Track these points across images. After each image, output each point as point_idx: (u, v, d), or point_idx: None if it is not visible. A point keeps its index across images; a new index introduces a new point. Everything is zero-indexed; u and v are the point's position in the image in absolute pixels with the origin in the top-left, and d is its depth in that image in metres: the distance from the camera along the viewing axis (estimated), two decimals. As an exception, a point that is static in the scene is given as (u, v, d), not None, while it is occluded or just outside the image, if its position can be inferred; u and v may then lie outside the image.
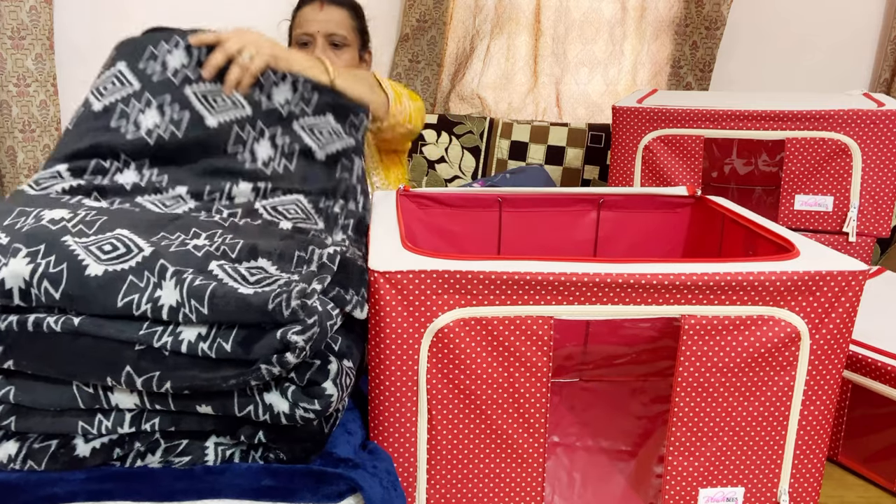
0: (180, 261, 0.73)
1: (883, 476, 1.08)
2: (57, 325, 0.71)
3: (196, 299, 0.70)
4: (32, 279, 0.70)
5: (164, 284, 0.71)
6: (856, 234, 1.49)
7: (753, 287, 0.82)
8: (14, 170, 1.94)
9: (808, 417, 0.89)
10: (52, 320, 0.71)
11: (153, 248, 0.74)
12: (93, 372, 0.72)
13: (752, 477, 0.90)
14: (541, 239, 1.24)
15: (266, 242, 0.79)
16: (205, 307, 0.70)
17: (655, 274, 0.81)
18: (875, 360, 1.07)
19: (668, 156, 1.55)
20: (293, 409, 0.72)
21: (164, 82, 0.99)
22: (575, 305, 0.83)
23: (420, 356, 0.84)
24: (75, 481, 0.73)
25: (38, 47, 1.91)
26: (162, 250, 0.74)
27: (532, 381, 0.84)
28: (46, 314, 0.72)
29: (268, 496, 0.74)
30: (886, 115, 1.42)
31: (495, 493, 0.88)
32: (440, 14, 2.21)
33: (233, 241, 0.79)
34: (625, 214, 1.25)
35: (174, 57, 1.01)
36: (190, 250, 0.76)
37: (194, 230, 0.80)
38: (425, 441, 0.87)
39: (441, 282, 0.81)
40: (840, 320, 0.85)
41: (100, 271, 0.71)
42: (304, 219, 0.91)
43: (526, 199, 1.23)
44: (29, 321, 0.71)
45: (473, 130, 2.19)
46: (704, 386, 0.85)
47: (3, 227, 0.75)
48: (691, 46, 2.26)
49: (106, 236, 0.75)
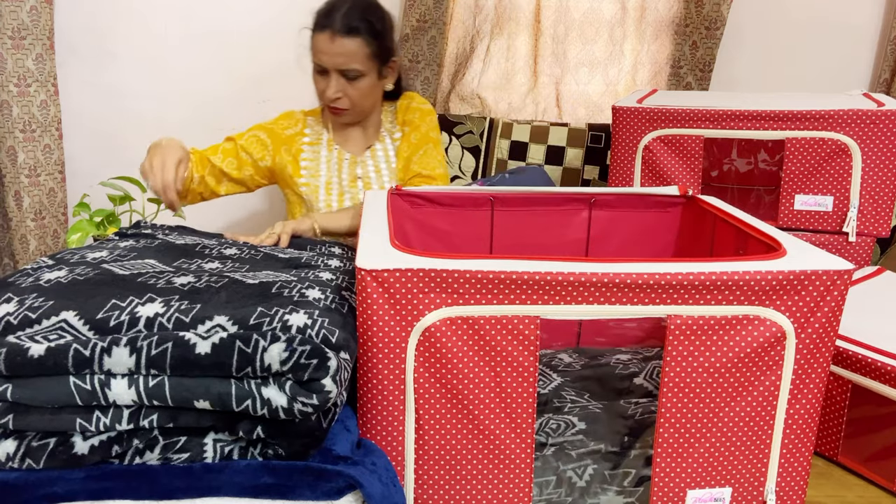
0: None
1: (883, 476, 1.08)
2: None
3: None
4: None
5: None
6: (856, 234, 1.48)
7: (739, 287, 0.82)
8: (15, 170, 1.95)
9: (795, 416, 0.88)
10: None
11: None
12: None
13: (740, 477, 0.89)
14: (533, 238, 1.25)
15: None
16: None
17: (641, 273, 0.81)
18: (875, 360, 1.06)
19: (668, 156, 1.55)
20: (291, 403, 0.73)
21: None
22: (561, 305, 0.83)
23: (407, 355, 0.84)
24: (75, 480, 0.73)
25: (38, 47, 1.92)
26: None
27: (519, 381, 0.84)
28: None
29: (267, 493, 0.74)
30: (886, 115, 1.41)
31: (483, 492, 0.88)
32: (440, 14, 2.21)
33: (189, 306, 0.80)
34: (616, 214, 1.25)
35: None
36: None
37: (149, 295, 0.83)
38: (413, 440, 0.87)
39: (428, 280, 0.82)
40: (826, 319, 0.85)
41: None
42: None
43: (518, 198, 1.23)
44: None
45: (473, 130, 2.19)
46: (691, 386, 0.85)
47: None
48: (691, 46, 2.25)
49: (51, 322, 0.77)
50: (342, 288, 0.92)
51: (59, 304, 0.78)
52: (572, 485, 1.01)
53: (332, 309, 0.83)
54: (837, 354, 1.10)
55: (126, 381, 0.74)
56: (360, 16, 1.44)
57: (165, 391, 0.74)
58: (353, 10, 1.44)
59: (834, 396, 1.11)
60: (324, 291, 0.87)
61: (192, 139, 1.52)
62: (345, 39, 1.42)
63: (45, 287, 0.83)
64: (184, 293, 0.83)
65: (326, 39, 1.43)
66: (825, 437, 1.14)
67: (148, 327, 0.77)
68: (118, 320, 0.77)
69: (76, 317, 0.77)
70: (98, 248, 1.00)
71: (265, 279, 0.90)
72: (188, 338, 0.74)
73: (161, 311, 0.78)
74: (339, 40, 1.42)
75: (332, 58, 1.43)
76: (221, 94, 2.16)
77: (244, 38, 2.13)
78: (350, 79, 1.46)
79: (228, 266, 0.97)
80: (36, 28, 1.90)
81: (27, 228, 2.00)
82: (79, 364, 0.73)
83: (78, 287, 0.83)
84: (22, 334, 0.76)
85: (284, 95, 1.86)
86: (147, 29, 2.09)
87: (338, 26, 1.42)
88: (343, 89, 1.47)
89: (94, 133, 2.13)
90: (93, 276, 0.87)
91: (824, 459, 1.14)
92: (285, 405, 0.73)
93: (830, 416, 1.13)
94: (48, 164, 2.01)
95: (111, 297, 0.81)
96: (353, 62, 1.44)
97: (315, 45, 1.46)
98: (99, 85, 2.10)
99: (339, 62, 1.44)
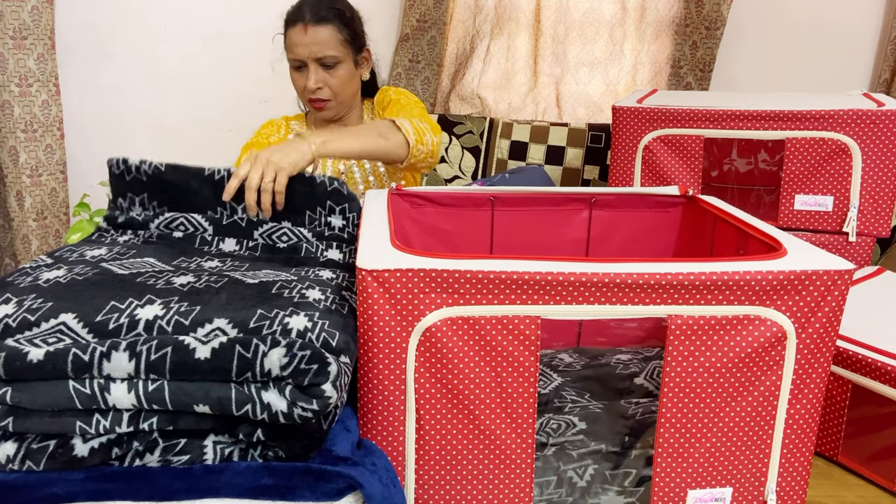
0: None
1: (883, 476, 1.08)
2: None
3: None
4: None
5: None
6: (856, 234, 1.48)
7: (739, 287, 0.82)
8: (16, 170, 1.95)
9: (795, 416, 0.88)
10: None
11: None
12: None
13: (740, 477, 0.89)
14: (533, 238, 1.24)
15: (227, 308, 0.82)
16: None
17: (641, 273, 0.81)
18: (875, 360, 1.06)
19: (668, 156, 1.55)
20: (291, 408, 0.73)
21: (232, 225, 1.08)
22: (562, 305, 0.83)
23: (408, 355, 0.84)
24: (74, 481, 0.73)
25: (39, 47, 1.92)
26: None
27: (519, 381, 0.84)
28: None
29: (267, 495, 0.74)
30: (886, 115, 1.41)
31: (483, 493, 0.88)
32: (440, 14, 2.21)
33: (189, 308, 0.80)
34: (617, 214, 1.25)
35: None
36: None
37: (148, 296, 0.82)
38: (414, 440, 0.87)
39: (429, 280, 0.82)
40: (826, 319, 0.85)
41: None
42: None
43: (518, 198, 1.23)
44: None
45: (473, 130, 2.19)
46: (692, 386, 0.85)
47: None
48: (691, 46, 2.25)
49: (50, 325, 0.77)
50: (343, 287, 0.92)
51: (57, 306, 0.78)
52: (573, 485, 1.01)
53: (333, 310, 0.83)
54: (837, 354, 1.10)
55: (125, 386, 0.73)
56: (329, 4, 1.50)
57: (165, 395, 0.73)
58: (320, 2, 1.50)
59: (834, 396, 1.11)
60: (324, 292, 0.87)
61: (192, 139, 1.53)
62: (317, 28, 1.48)
63: (43, 287, 0.82)
64: (183, 294, 0.83)
65: (300, 32, 1.48)
66: (825, 437, 1.14)
67: (147, 330, 0.77)
68: (117, 323, 0.77)
69: (75, 319, 0.77)
70: (97, 245, 0.99)
71: (265, 278, 0.90)
72: (187, 342, 0.74)
73: (160, 314, 0.78)
74: (311, 29, 1.47)
75: (308, 47, 1.48)
76: (221, 94, 2.16)
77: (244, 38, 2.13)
78: (328, 67, 1.51)
79: (228, 265, 0.97)
80: (37, 28, 1.91)
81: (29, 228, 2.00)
82: (78, 369, 0.73)
83: (77, 288, 0.83)
84: (21, 337, 0.75)
85: (284, 96, 1.86)
86: (147, 29, 2.09)
87: (308, 17, 1.48)
88: (323, 80, 1.51)
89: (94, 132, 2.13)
90: (91, 276, 0.87)
91: (824, 459, 1.14)
92: (285, 410, 0.73)
93: (830, 416, 1.13)
94: (50, 163, 2.01)
95: (110, 298, 0.80)
96: (328, 49, 1.49)
97: (290, 41, 1.50)
98: (99, 85, 2.10)
99: (315, 50, 1.48)
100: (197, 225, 1.07)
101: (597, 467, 1.04)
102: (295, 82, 1.54)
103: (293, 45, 1.49)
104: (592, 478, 1.02)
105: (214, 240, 1.06)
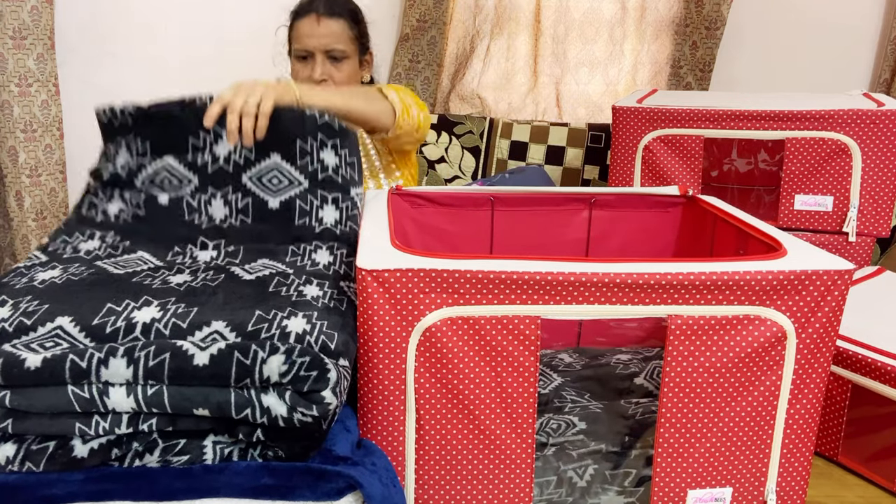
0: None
1: (883, 476, 1.08)
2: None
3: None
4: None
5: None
6: (856, 234, 1.48)
7: (739, 287, 0.82)
8: (16, 170, 1.95)
9: (795, 416, 0.88)
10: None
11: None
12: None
13: (740, 476, 0.89)
14: (533, 238, 1.25)
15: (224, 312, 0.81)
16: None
17: (641, 273, 0.81)
18: (875, 360, 1.06)
19: (668, 156, 1.55)
20: (291, 412, 0.73)
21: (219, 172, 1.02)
22: (562, 305, 0.83)
23: (408, 355, 0.84)
24: (74, 482, 0.73)
25: (39, 47, 1.92)
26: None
27: (519, 381, 0.84)
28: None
29: (267, 494, 0.74)
30: (886, 115, 1.41)
31: (483, 492, 0.88)
32: (440, 14, 2.21)
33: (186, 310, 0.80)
34: (617, 214, 1.25)
35: (221, 147, 1.01)
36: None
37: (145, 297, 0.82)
38: (413, 440, 0.87)
39: (429, 280, 0.82)
40: (826, 319, 0.85)
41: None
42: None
43: (518, 198, 1.23)
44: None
45: (473, 130, 2.19)
46: (692, 386, 0.85)
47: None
48: (691, 46, 2.25)
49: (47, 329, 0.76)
50: (341, 276, 0.91)
51: (54, 309, 0.78)
52: (573, 485, 1.01)
53: (331, 308, 0.83)
54: (837, 354, 1.10)
55: (124, 390, 0.73)
56: (342, 1, 1.52)
57: (164, 399, 0.73)
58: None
59: (834, 396, 1.11)
60: (322, 286, 0.86)
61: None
62: (330, 20, 1.48)
63: (39, 289, 0.82)
64: (180, 294, 0.83)
65: (312, 22, 1.48)
66: (825, 437, 1.14)
67: (145, 334, 0.76)
68: (114, 326, 0.76)
69: (71, 323, 0.76)
70: (90, 237, 0.98)
71: (261, 273, 0.89)
72: (185, 348, 0.74)
73: (157, 316, 0.78)
74: (324, 21, 1.48)
75: (319, 39, 1.48)
76: (222, 94, 2.16)
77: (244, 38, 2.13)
78: (335, 60, 1.50)
79: (223, 255, 0.96)
80: (37, 28, 1.90)
81: (28, 228, 2.00)
82: (76, 375, 0.72)
83: (72, 289, 0.83)
84: (18, 342, 0.75)
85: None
86: (147, 29, 2.09)
87: (322, 9, 1.48)
88: (328, 72, 1.50)
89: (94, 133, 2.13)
90: (87, 276, 0.86)
91: (824, 459, 1.15)
92: (285, 414, 0.73)
93: (830, 416, 1.13)
94: (49, 163, 2.01)
95: (106, 300, 0.80)
96: (338, 42, 1.49)
97: (299, 31, 1.50)
98: (99, 85, 2.10)
99: (326, 42, 1.48)
100: (182, 177, 1.00)
101: (597, 467, 1.04)
102: (297, 73, 1.53)
103: (302, 36, 1.49)
104: (592, 478, 1.02)
105: (201, 202, 1.00)
